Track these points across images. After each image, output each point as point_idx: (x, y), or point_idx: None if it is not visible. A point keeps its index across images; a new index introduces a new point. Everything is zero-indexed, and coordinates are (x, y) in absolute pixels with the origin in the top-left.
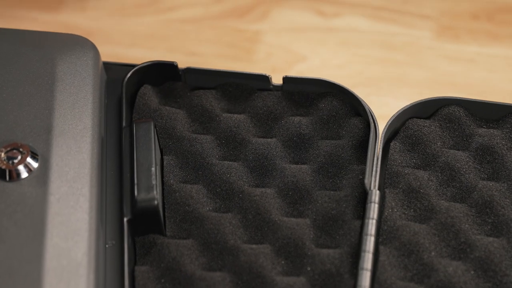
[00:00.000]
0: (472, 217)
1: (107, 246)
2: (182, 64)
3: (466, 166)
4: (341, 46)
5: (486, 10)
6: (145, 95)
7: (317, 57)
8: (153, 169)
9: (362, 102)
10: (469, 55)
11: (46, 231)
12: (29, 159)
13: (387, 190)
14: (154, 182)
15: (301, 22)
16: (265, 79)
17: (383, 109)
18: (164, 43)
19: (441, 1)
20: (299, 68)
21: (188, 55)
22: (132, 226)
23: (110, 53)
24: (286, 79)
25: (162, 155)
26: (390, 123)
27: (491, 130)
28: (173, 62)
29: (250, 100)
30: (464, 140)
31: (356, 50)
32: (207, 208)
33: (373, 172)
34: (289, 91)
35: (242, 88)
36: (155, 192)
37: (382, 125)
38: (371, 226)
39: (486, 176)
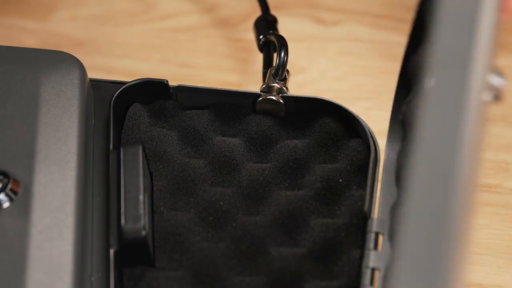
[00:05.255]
0: None
1: (92, 279)
2: (175, 77)
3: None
4: (341, 56)
5: None
6: (135, 115)
7: (316, 69)
8: (141, 197)
9: (362, 123)
10: None
11: (27, 265)
12: (10, 188)
13: None
14: (141, 212)
15: (300, 31)
16: (259, 97)
17: (386, 124)
18: (156, 53)
19: None
20: (297, 80)
21: (182, 67)
22: (119, 258)
23: (101, 64)
24: (281, 98)
25: (152, 180)
26: None
27: None
28: (163, 80)
29: (244, 123)
30: None
31: (356, 61)
32: (199, 238)
33: (373, 198)
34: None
35: (236, 109)
36: (143, 222)
37: (383, 142)
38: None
39: None
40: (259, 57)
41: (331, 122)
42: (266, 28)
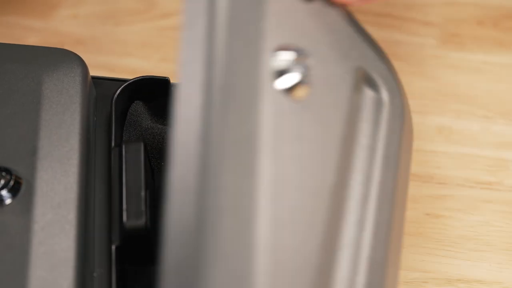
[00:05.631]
0: None
1: (94, 275)
2: (176, 75)
3: None
4: None
5: (492, 16)
6: (136, 112)
7: None
8: (142, 193)
9: None
10: (474, 64)
11: (29, 262)
12: (12, 184)
13: None
14: (143, 208)
15: None
16: None
17: None
18: (157, 52)
19: (446, 7)
20: None
21: None
22: (121, 254)
23: (102, 63)
24: None
25: (153, 176)
26: None
27: None
28: (165, 77)
29: None
30: None
31: None
32: None
33: None
34: None
35: None
36: (144, 218)
37: None
38: None
39: None
40: None
41: None
42: None
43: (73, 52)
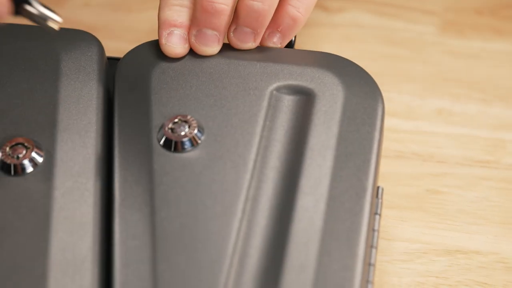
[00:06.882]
0: None
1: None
2: None
3: None
4: (345, 42)
5: (490, 5)
6: None
7: None
8: None
9: None
10: (473, 50)
11: (51, 225)
12: (34, 154)
13: None
14: None
15: None
16: None
17: (388, 104)
18: None
19: None
20: None
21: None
22: None
23: (114, 48)
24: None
25: None
26: None
27: None
28: None
29: None
30: None
31: (360, 45)
32: None
33: None
34: None
35: None
36: None
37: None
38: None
39: None
40: None
41: None
42: None
43: (90, 34)
